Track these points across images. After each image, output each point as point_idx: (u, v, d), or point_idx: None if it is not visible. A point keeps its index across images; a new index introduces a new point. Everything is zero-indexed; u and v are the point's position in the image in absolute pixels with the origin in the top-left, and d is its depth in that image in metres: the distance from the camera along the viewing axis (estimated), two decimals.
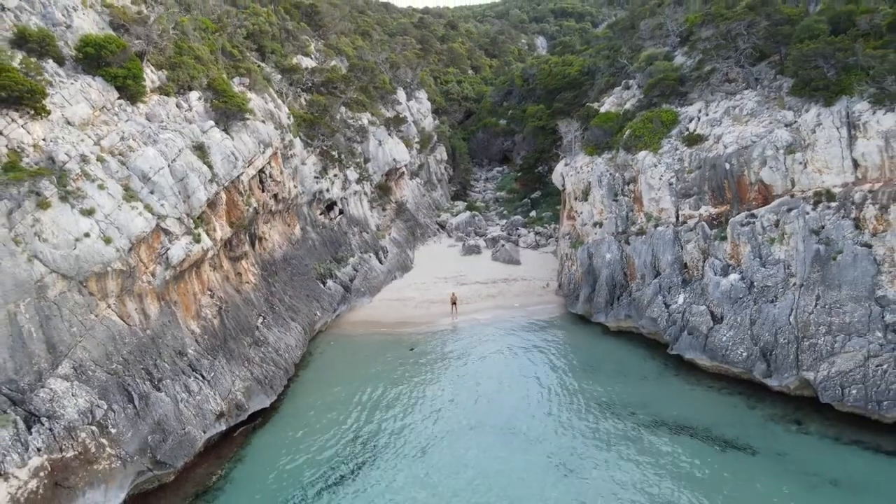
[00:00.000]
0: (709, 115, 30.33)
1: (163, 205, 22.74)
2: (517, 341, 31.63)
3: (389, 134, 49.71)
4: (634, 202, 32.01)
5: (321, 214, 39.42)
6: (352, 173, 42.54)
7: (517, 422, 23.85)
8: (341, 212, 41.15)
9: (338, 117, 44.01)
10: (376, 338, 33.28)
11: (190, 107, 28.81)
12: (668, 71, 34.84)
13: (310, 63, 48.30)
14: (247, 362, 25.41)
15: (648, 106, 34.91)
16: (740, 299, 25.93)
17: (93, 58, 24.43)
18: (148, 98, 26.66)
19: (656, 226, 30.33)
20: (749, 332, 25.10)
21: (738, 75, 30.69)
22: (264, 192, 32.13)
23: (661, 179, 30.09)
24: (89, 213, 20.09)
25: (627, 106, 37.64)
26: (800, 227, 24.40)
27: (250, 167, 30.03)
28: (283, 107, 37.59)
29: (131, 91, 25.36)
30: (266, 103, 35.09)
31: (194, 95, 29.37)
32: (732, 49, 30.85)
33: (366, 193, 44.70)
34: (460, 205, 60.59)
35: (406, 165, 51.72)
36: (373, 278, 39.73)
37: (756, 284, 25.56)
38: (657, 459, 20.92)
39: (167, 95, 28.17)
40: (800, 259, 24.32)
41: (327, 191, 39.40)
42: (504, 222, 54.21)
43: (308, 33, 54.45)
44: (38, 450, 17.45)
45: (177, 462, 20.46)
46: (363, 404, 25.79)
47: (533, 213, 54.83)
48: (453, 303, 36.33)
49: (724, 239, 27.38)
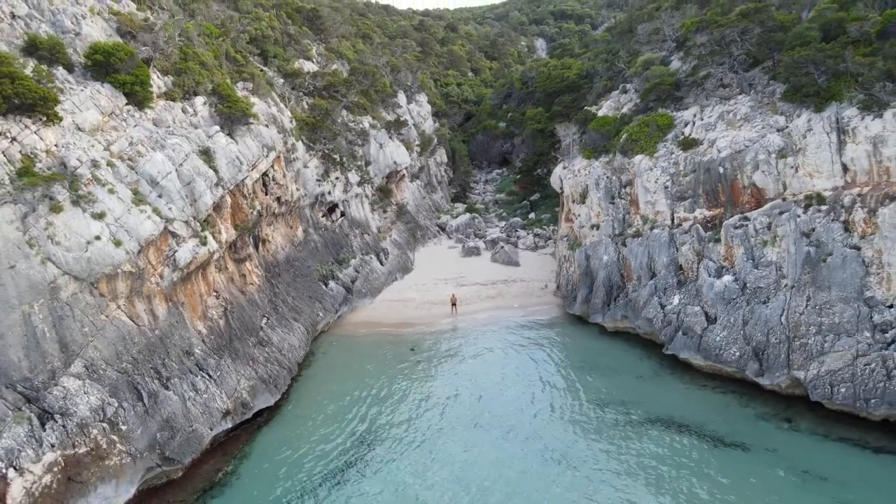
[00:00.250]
0: (703, 119, 30.94)
1: (170, 208, 23.38)
2: (516, 341, 32.25)
3: (390, 137, 50.34)
4: (631, 205, 32.63)
5: (323, 217, 40.03)
6: (353, 176, 43.16)
7: (517, 419, 24.47)
8: (343, 214, 41.76)
9: (339, 121, 44.60)
10: (378, 338, 33.89)
11: (195, 112, 29.41)
12: (664, 76, 35.45)
13: (311, 67, 48.93)
14: (252, 362, 26.02)
15: (645, 110, 35.51)
16: (733, 300, 26.54)
17: (101, 65, 25.05)
18: (155, 104, 27.26)
19: (652, 228, 30.94)
20: (742, 333, 25.70)
21: (732, 81, 31.32)
22: (268, 195, 32.75)
23: (656, 183, 30.70)
24: (100, 216, 20.71)
25: (624, 110, 38.23)
26: (791, 229, 25.01)
27: (254, 171, 30.64)
28: (285, 111, 38.20)
29: (139, 97, 25.97)
30: (269, 107, 35.69)
31: (199, 100, 29.96)
32: (726, 55, 31.50)
33: (367, 196, 45.32)
34: (460, 207, 61.16)
35: (406, 168, 52.34)
36: (374, 279, 40.33)
37: (749, 286, 26.17)
38: (652, 456, 21.52)
39: (173, 101, 28.77)
40: (791, 261, 24.93)
41: (329, 193, 40.01)
42: (503, 224, 54.74)
43: (309, 37, 55.09)
44: (52, 446, 18.05)
45: (185, 458, 21.06)
46: (365, 403, 26.41)
47: (532, 215, 55.39)
48: (453, 304, 36.95)
49: (718, 241, 27.99)
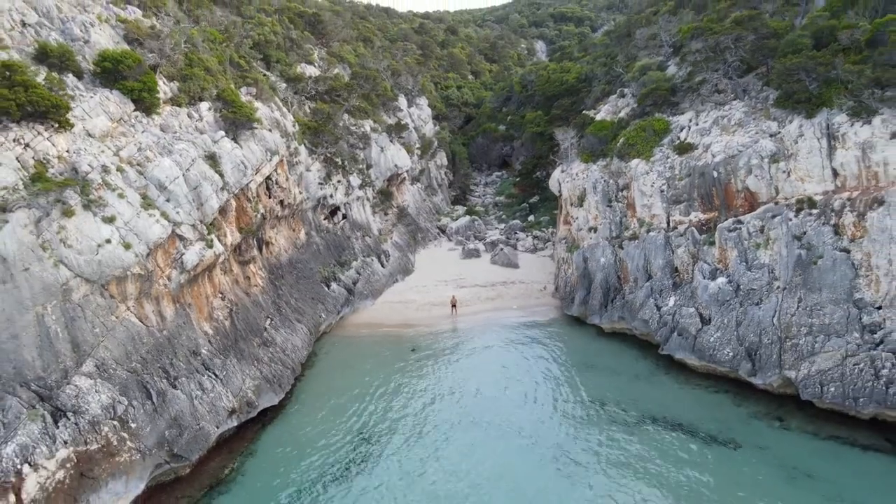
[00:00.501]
0: (699, 124, 31.57)
1: (178, 212, 24.00)
2: (515, 342, 32.87)
3: (391, 140, 50.96)
4: (628, 208, 33.25)
5: (325, 219, 40.65)
6: (355, 179, 43.79)
7: (515, 417, 25.07)
8: (345, 217, 42.39)
9: (341, 125, 45.22)
10: (379, 339, 34.49)
11: (201, 117, 30.02)
12: (660, 81, 36.10)
13: (313, 71, 49.55)
14: (256, 362, 26.63)
15: (642, 115, 36.15)
16: (727, 302, 27.15)
17: (110, 72, 25.65)
18: (161, 109, 27.87)
19: (648, 231, 31.56)
20: (735, 333, 26.31)
21: (726, 86, 31.94)
22: (271, 198, 33.37)
23: (652, 186, 31.32)
24: (110, 220, 21.32)
25: (622, 114, 38.88)
26: (783, 232, 25.63)
27: (258, 174, 31.25)
28: (288, 115, 38.82)
29: (146, 103, 26.57)
30: (272, 112, 36.31)
31: (205, 106, 30.56)
32: (721, 61, 32.15)
33: (368, 199, 45.95)
34: (460, 209, 61.78)
35: (407, 171, 52.98)
36: (375, 281, 40.94)
37: (742, 287, 26.79)
38: (647, 453, 22.12)
39: (179, 106, 29.36)
40: (783, 263, 25.55)
41: (331, 196, 40.64)
42: (503, 226, 55.36)
43: (311, 42, 55.69)
44: (65, 442, 18.65)
45: (192, 455, 21.67)
46: (367, 401, 27.01)
47: (531, 218, 56.00)
48: (453, 305, 37.55)
49: (713, 244, 28.61)
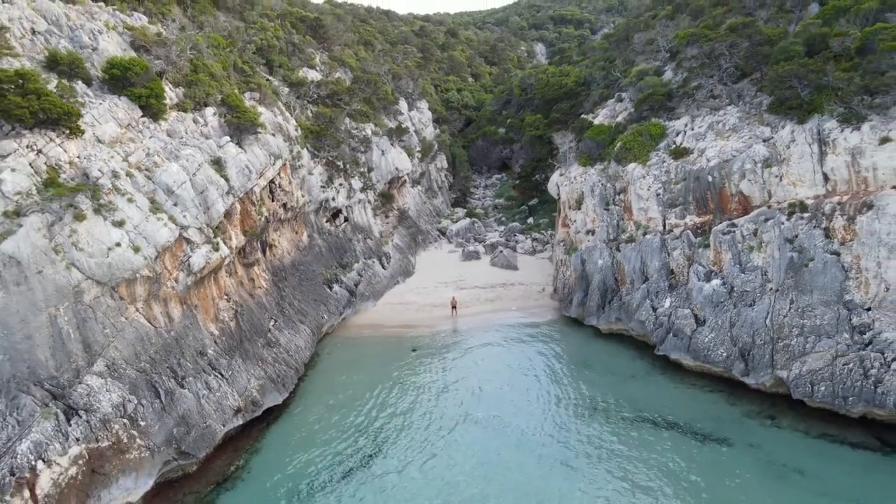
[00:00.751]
0: (694, 129, 32.17)
1: (185, 216, 24.61)
2: (514, 343, 33.48)
3: (392, 144, 51.60)
4: (624, 211, 33.85)
5: (327, 222, 41.28)
6: (356, 182, 44.43)
7: (514, 415, 25.66)
8: (346, 219, 43.02)
9: (342, 128, 45.87)
10: (380, 339, 35.12)
11: (206, 122, 30.66)
12: (657, 86, 36.71)
13: (315, 76, 50.20)
14: (261, 362, 27.23)
15: (639, 119, 36.77)
16: (721, 303, 27.75)
17: (118, 79, 26.31)
18: (168, 115, 28.50)
19: (645, 234, 32.16)
20: (729, 334, 26.90)
21: (721, 92, 32.56)
22: (274, 201, 33.98)
23: (649, 190, 31.92)
24: (120, 224, 21.93)
25: (619, 119, 39.50)
26: (775, 236, 26.23)
27: (262, 178, 31.87)
28: (291, 119, 39.47)
29: (154, 109, 27.21)
30: (275, 116, 36.95)
31: (210, 111, 31.20)
32: (716, 67, 32.76)
33: (369, 201, 46.57)
34: (460, 211, 62.40)
35: (408, 174, 53.60)
36: (376, 283, 41.55)
37: (736, 289, 27.38)
38: (642, 451, 22.70)
39: (184, 111, 30.02)
40: (775, 266, 26.15)
41: (333, 199, 41.28)
42: (502, 229, 55.93)
43: (313, 46, 56.37)
44: (77, 440, 19.24)
45: (199, 453, 22.27)
46: (369, 401, 27.60)
47: (530, 220, 56.58)
48: (453, 306, 38.15)
49: (708, 247, 29.21)
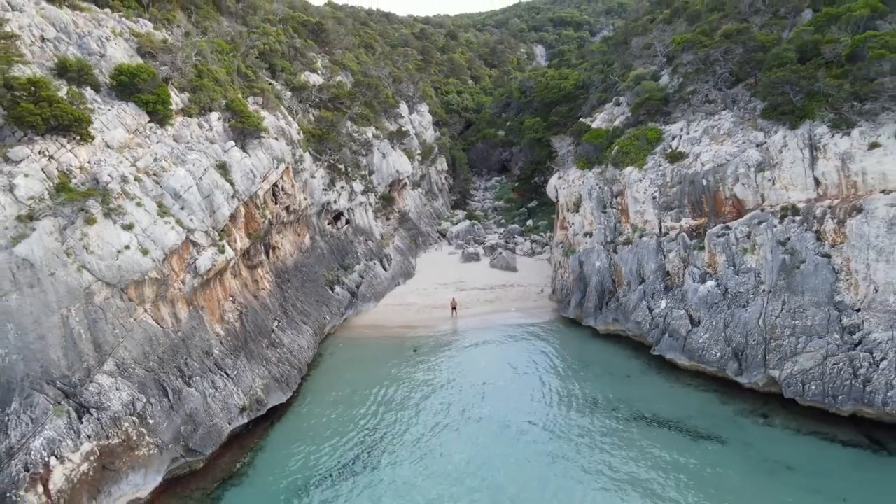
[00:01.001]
0: (689, 133, 32.78)
1: (192, 219, 25.22)
2: (513, 343, 34.10)
3: (393, 146, 52.22)
4: (622, 214, 34.47)
5: (329, 224, 41.90)
6: (357, 185, 45.04)
7: (513, 414, 26.24)
8: (348, 222, 43.65)
9: (344, 132, 46.48)
10: (381, 340, 35.73)
11: (210, 127, 31.24)
12: (653, 91, 37.32)
13: (317, 79, 50.80)
14: (265, 362, 27.83)
15: (636, 123, 37.36)
16: (716, 304, 28.35)
17: (126, 85, 26.91)
18: (174, 120, 29.10)
19: (641, 236, 32.77)
20: (723, 335, 27.51)
21: (716, 97, 33.16)
22: (277, 204, 34.60)
23: (645, 193, 32.54)
24: (129, 227, 22.55)
25: (617, 122, 40.09)
26: (768, 238, 26.84)
27: (265, 182, 32.47)
28: (293, 123, 40.06)
29: (160, 115, 27.80)
30: (278, 121, 37.54)
31: (214, 116, 31.78)
32: (711, 73, 33.37)
33: (371, 204, 47.19)
34: (460, 214, 62.98)
35: (408, 176, 54.20)
36: (377, 284, 42.15)
37: (730, 291, 27.99)
38: (638, 448, 23.29)
39: (189, 116, 30.58)
40: (768, 268, 26.76)
41: (335, 202, 41.89)
42: (502, 231, 56.49)
43: (315, 50, 56.97)
44: (89, 437, 19.85)
45: (206, 450, 22.88)
46: (371, 400, 28.19)
47: (529, 222, 57.15)
48: (453, 308, 38.74)
49: (703, 249, 29.81)
